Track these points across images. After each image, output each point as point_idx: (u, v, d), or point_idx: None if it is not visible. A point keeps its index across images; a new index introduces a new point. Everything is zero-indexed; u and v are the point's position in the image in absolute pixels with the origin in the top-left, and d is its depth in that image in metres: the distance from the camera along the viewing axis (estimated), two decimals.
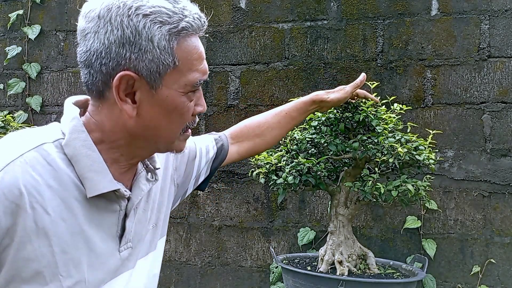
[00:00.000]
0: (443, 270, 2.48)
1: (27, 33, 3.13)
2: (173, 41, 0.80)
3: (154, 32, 0.78)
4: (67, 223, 0.79)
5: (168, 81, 0.82)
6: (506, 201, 2.42)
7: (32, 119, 3.15)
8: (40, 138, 0.81)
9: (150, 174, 0.94)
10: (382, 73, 2.60)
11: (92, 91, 0.84)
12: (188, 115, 0.87)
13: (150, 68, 0.79)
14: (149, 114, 0.83)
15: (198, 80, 0.85)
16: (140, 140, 0.86)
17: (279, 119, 1.38)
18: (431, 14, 2.54)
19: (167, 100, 0.83)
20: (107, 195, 0.84)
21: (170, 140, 0.88)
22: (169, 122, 0.85)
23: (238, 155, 1.33)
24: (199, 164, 1.18)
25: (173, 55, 0.80)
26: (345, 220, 1.85)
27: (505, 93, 2.44)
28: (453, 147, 2.50)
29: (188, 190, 1.20)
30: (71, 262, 0.79)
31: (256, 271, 2.75)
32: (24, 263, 0.75)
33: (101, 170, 0.82)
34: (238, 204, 2.80)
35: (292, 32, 2.74)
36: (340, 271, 1.78)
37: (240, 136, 1.34)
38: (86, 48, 0.81)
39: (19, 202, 0.74)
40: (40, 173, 0.77)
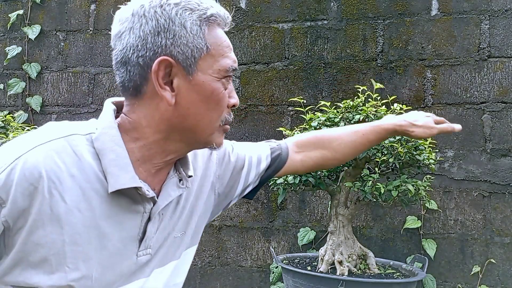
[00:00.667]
0: (443, 270, 2.48)
1: (27, 33, 3.13)
2: (203, 26, 0.83)
3: (185, 18, 0.82)
4: (84, 214, 0.79)
5: (202, 66, 0.83)
6: (506, 201, 2.42)
7: (32, 119, 3.15)
8: (73, 129, 0.83)
9: (182, 181, 0.93)
10: (382, 73, 2.60)
11: (128, 88, 0.85)
12: (224, 103, 0.87)
13: (185, 53, 0.82)
14: (188, 101, 0.84)
15: (230, 66, 0.86)
16: (178, 132, 0.86)
17: (355, 138, 1.28)
18: (431, 14, 2.54)
19: (203, 85, 0.84)
20: (131, 194, 0.84)
21: (209, 130, 0.87)
22: (207, 109, 0.85)
23: (302, 166, 1.23)
24: (247, 175, 1.12)
25: (205, 39, 0.83)
26: (345, 220, 1.85)
27: (505, 93, 2.44)
28: (453, 147, 2.50)
29: (233, 201, 1.14)
30: (80, 255, 0.79)
31: (256, 271, 2.75)
32: (33, 247, 0.76)
33: (125, 166, 0.82)
34: (238, 204, 2.80)
35: (292, 32, 2.74)
36: (340, 271, 1.77)
37: (308, 145, 1.24)
38: (122, 46, 0.84)
39: (37, 184, 0.75)
40: (64, 161, 0.78)
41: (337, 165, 1.34)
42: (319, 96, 2.66)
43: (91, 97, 3.06)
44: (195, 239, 1.02)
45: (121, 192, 0.82)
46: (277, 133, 2.64)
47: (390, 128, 1.31)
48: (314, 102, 2.51)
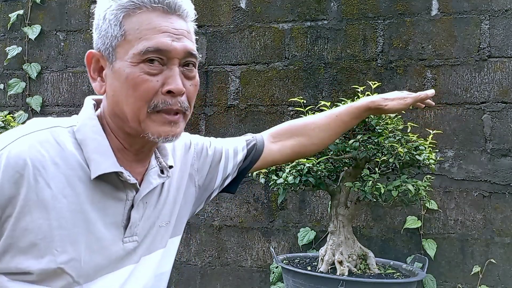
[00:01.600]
0: (443, 270, 2.48)
1: (27, 33, 3.13)
2: (120, 13, 0.85)
3: (105, 9, 0.87)
4: (68, 200, 0.81)
5: (120, 53, 0.86)
6: (506, 201, 2.42)
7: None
8: (56, 122, 0.87)
9: (163, 171, 0.96)
10: (382, 73, 2.60)
11: None
12: (146, 88, 0.84)
13: (104, 42, 0.87)
14: (111, 89, 0.88)
15: (146, 47, 0.83)
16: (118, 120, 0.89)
17: (328, 121, 1.29)
18: (431, 14, 2.54)
19: (120, 71, 0.86)
20: (113, 180, 0.87)
21: (134, 118, 0.86)
22: (126, 96, 0.85)
23: (280, 155, 1.24)
24: (225, 167, 1.15)
25: (120, 26, 0.85)
26: (345, 220, 1.85)
27: (505, 93, 2.44)
28: (453, 147, 2.50)
29: (214, 193, 1.17)
30: (67, 239, 0.81)
31: (256, 271, 2.75)
32: (22, 233, 0.78)
33: (105, 152, 0.86)
34: (238, 204, 2.80)
35: (292, 32, 2.74)
36: (340, 271, 1.77)
37: (282, 134, 1.26)
38: None
39: (23, 172, 0.78)
40: (48, 150, 0.81)
41: (316, 150, 1.34)
42: (319, 96, 2.66)
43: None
44: (178, 229, 1.06)
45: (103, 179, 0.85)
46: None
47: (363, 106, 1.31)
48: (314, 102, 2.51)
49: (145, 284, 0.96)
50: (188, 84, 0.89)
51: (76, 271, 0.81)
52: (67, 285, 0.80)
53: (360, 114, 1.32)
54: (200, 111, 2.86)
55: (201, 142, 1.13)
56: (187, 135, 1.13)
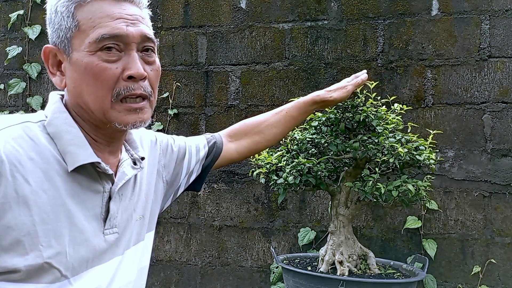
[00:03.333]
0: (443, 270, 2.48)
1: (28, 33, 3.13)
2: (70, 6, 0.86)
3: (56, 2, 0.87)
4: (48, 194, 0.80)
5: (75, 44, 0.86)
6: (506, 201, 2.42)
7: None
8: (24, 118, 0.86)
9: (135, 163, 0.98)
10: (382, 73, 2.60)
11: None
12: (107, 76, 0.84)
13: (59, 36, 0.87)
14: (71, 81, 0.88)
15: (101, 35, 0.84)
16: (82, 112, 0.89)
17: (279, 118, 1.39)
18: (432, 14, 2.54)
19: (78, 62, 0.85)
20: (90, 172, 0.87)
21: (99, 107, 0.86)
22: (87, 85, 0.86)
23: (237, 154, 1.33)
24: (189, 163, 1.20)
25: (73, 17, 0.85)
26: (346, 220, 1.85)
27: (506, 93, 2.44)
28: (453, 147, 2.50)
29: (180, 189, 1.21)
30: (51, 233, 0.80)
31: (257, 271, 2.75)
32: (4, 231, 0.76)
33: (82, 144, 0.86)
34: (238, 204, 2.80)
35: (293, 32, 2.74)
36: (341, 271, 1.77)
37: (238, 134, 1.34)
38: None
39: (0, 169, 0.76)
40: (22, 146, 0.80)
41: (269, 146, 1.44)
42: None
43: None
44: (152, 224, 1.07)
45: (80, 172, 0.85)
46: None
47: (308, 100, 1.42)
48: None
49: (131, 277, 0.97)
50: (149, 69, 0.89)
51: (63, 265, 0.81)
52: (55, 280, 0.80)
53: (307, 108, 1.43)
54: (200, 111, 2.86)
55: (165, 139, 1.17)
56: (151, 132, 1.16)
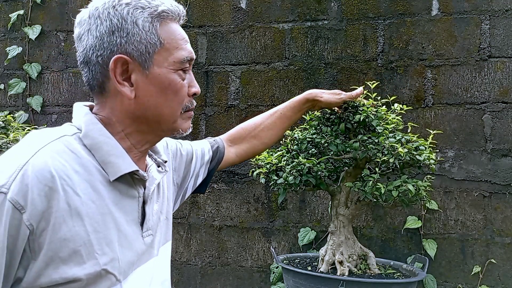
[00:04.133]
0: (443, 270, 2.48)
1: (28, 33, 3.13)
2: (155, 23, 0.89)
3: (137, 16, 0.88)
4: (96, 204, 0.84)
5: (158, 60, 0.90)
6: (506, 201, 2.42)
7: (32, 119, 3.15)
8: (60, 132, 0.88)
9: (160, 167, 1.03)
10: (382, 73, 2.60)
11: (94, 87, 0.93)
12: (183, 92, 0.93)
13: (139, 49, 0.88)
14: (146, 94, 0.90)
15: (185, 57, 0.92)
16: (144, 123, 0.92)
17: (274, 119, 1.44)
18: (432, 14, 2.54)
19: (160, 77, 0.90)
20: (127, 180, 0.91)
21: (171, 118, 0.94)
22: (166, 100, 0.92)
23: (236, 157, 1.39)
24: (195, 166, 1.25)
25: (157, 35, 0.89)
26: (346, 220, 1.85)
27: (506, 93, 2.44)
28: (453, 147, 2.49)
29: (187, 192, 1.26)
30: (103, 241, 0.84)
31: (257, 271, 2.75)
32: (61, 244, 0.79)
33: (121, 154, 0.89)
34: (238, 204, 2.80)
35: (293, 32, 2.74)
36: (341, 271, 1.77)
37: (237, 138, 1.40)
38: (83, 47, 0.90)
39: (51, 184, 0.78)
40: (66, 160, 0.83)
41: (268, 147, 1.50)
42: None
43: (91, 97, 3.06)
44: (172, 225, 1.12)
45: (119, 180, 0.88)
46: None
47: (301, 99, 1.48)
48: None
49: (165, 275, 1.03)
50: None
51: (117, 270, 0.85)
52: (111, 285, 0.84)
53: (300, 107, 1.48)
54: (200, 111, 2.86)
55: (174, 144, 1.22)
56: None
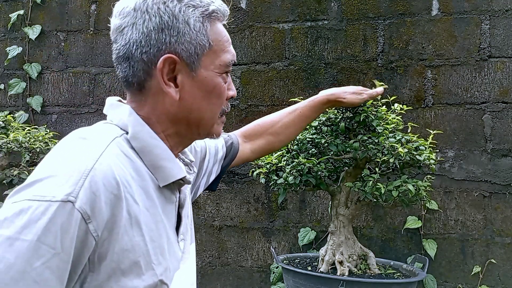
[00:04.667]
0: (443, 270, 2.48)
1: (28, 33, 3.13)
2: (206, 23, 0.84)
3: (189, 15, 0.83)
4: (151, 212, 0.80)
5: (205, 62, 0.85)
6: (506, 201, 2.42)
7: (32, 119, 3.15)
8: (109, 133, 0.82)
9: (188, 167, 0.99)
10: (382, 73, 2.59)
11: (132, 84, 0.86)
12: (224, 96, 0.91)
13: (188, 50, 0.83)
14: (191, 96, 0.86)
15: (230, 60, 0.89)
16: (184, 125, 0.88)
17: (293, 117, 1.40)
18: (432, 14, 2.54)
19: (206, 81, 0.86)
20: (170, 185, 0.86)
21: (211, 122, 0.91)
22: (209, 103, 0.88)
23: (251, 153, 1.34)
24: (208, 163, 1.20)
25: (207, 36, 0.85)
26: (346, 220, 1.85)
27: (506, 93, 2.44)
28: (453, 147, 2.49)
29: (199, 190, 1.22)
30: (158, 250, 0.80)
31: (257, 271, 2.75)
32: (123, 255, 0.74)
33: (171, 158, 0.85)
34: (238, 204, 2.80)
35: (293, 32, 2.74)
36: (341, 271, 1.77)
37: (253, 134, 1.36)
38: (125, 41, 0.84)
39: (117, 192, 0.73)
40: (124, 164, 0.78)
41: (283, 146, 1.46)
42: None
43: (91, 97, 3.06)
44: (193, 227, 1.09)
45: (165, 186, 0.85)
46: None
47: (323, 99, 1.43)
48: None
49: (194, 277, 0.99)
50: None
51: (169, 279, 0.82)
52: None
53: (320, 107, 1.44)
54: None
55: None
56: None
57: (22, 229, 0.65)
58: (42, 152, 2.49)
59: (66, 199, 0.67)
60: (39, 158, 2.55)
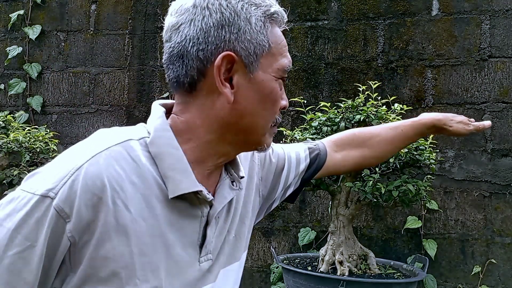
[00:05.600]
0: (443, 270, 2.48)
1: (28, 33, 3.13)
2: (267, 23, 0.81)
3: (251, 13, 0.79)
4: (148, 223, 0.75)
5: (263, 64, 0.81)
6: (506, 201, 2.42)
7: (32, 119, 3.15)
8: (126, 134, 0.79)
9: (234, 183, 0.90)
10: (382, 73, 2.60)
11: (183, 84, 0.81)
12: (279, 104, 0.84)
13: (248, 49, 0.79)
14: (246, 100, 0.80)
15: (288, 66, 0.84)
16: (232, 132, 0.83)
17: (393, 134, 1.27)
18: (432, 14, 2.54)
19: (263, 84, 0.81)
20: (189, 198, 0.80)
21: (263, 131, 0.84)
22: (263, 109, 0.82)
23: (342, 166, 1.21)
24: (287, 176, 1.09)
25: (267, 37, 0.80)
26: (346, 220, 1.85)
27: (506, 93, 2.44)
28: (453, 147, 2.49)
29: (275, 203, 1.12)
30: (148, 266, 0.75)
31: (257, 271, 2.75)
32: (102, 262, 0.71)
33: (184, 169, 0.79)
34: None
35: (293, 32, 2.74)
36: (341, 271, 1.77)
37: (347, 143, 1.22)
38: (180, 38, 0.80)
39: (101, 195, 0.70)
40: (124, 168, 0.74)
41: (376, 163, 1.33)
42: (319, 96, 2.66)
43: (91, 97, 3.06)
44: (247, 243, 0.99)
45: (179, 197, 0.79)
46: (278, 133, 2.64)
47: (428, 123, 1.30)
48: (315, 102, 2.51)
49: None
50: None
51: None
52: None
53: (424, 131, 1.31)
54: None
55: None
56: None
57: (6, 216, 0.69)
58: (42, 152, 2.49)
59: (46, 194, 0.68)
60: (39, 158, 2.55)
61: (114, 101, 3.01)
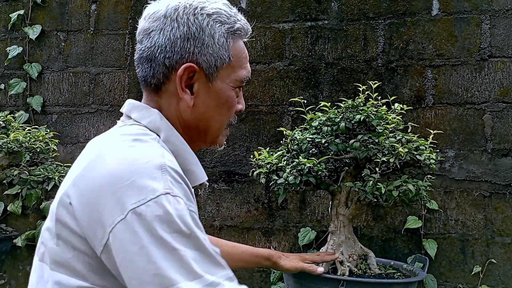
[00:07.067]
0: (444, 270, 2.48)
1: (28, 33, 3.13)
2: (229, 39, 0.90)
3: (215, 29, 0.88)
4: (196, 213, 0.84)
5: (222, 75, 0.90)
6: (507, 201, 2.42)
7: (33, 119, 3.15)
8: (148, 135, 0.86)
9: None
10: (382, 73, 2.59)
11: (150, 84, 0.92)
12: (234, 109, 0.96)
13: (209, 62, 0.88)
14: (204, 105, 0.91)
15: (245, 77, 0.95)
16: (193, 132, 0.93)
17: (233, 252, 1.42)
18: (432, 14, 2.54)
19: (220, 92, 0.91)
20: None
21: (218, 132, 0.96)
22: (220, 114, 0.93)
23: None
24: None
25: (228, 51, 0.90)
26: (346, 220, 1.85)
27: (506, 93, 2.44)
28: (454, 147, 2.49)
29: None
30: None
31: (257, 271, 2.75)
32: None
33: (197, 162, 0.91)
34: (238, 204, 2.80)
35: (293, 32, 2.74)
36: (341, 271, 1.77)
37: None
38: (150, 44, 0.90)
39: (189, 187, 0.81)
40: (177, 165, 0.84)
41: None
42: (319, 96, 2.66)
43: (91, 97, 3.06)
44: None
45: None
46: (278, 133, 2.64)
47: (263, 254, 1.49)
48: (315, 102, 2.50)
49: None
50: None
51: None
52: None
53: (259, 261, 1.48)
54: None
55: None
56: None
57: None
58: (42, 152, 2.49)
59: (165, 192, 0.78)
60: (39, 158, 2.55)
61: (114, 101, 3.01)
